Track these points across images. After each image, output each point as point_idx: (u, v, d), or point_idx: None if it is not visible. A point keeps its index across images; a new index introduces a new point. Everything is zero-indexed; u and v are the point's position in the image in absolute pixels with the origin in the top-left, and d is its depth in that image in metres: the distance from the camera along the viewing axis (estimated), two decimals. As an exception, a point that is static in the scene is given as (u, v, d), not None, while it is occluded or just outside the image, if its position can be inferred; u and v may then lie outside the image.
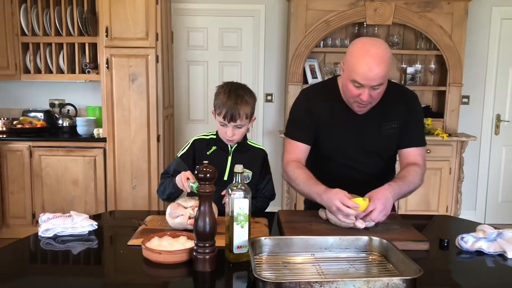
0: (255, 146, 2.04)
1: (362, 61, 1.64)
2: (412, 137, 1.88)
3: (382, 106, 1.82)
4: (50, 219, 1.60)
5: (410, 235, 1.57)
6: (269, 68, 4.54)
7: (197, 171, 1.32)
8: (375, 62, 1.63)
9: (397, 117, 1.85)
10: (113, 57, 3.84)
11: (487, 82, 4.55)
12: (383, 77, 1.66)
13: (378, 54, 1.65)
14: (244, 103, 1.85)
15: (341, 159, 1.90)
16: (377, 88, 1.69)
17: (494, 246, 1.51)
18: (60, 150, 3.95)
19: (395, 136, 1.87)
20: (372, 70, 1.63)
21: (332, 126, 1.86)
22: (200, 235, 1.33)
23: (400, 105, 1.86)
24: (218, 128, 1.92)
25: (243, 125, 1.88)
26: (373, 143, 1.87)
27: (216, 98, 1.89)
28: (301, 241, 1.43)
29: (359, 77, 1.66)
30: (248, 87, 1.94)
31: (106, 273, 1.42)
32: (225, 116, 1.83)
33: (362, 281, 1.14)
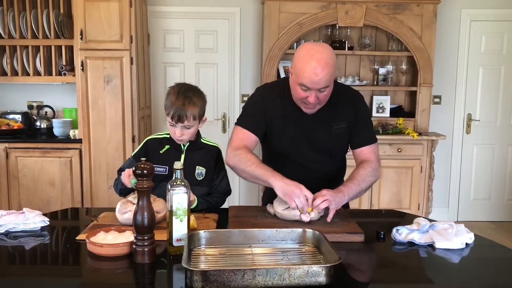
0: (208, 143, 2.11)
1: (308, 66, 1.72)
2: (362, 137, 1.96)
3: (331, 107, 1.91)
4: (3, 215, 1.66)
5: (347, 228, 1.64)
6: (244, 69, 4.61)
7: (135, 167, 1.39)
8: (320, 66, 1.71)
9: (345, 117, 1.94)
10: (88, 59, 3.90)
11: (457, 82, 4.66)
12: (328, 80, 1.74)
13: (323, 58, 1.73)
14: (192, 105, 1.91)
15: (294, 157, 1.97)
16: (323, 90, 1.77)
17: (425, 237, 1.59)
18: (37, 151, 4.00)
19: (344, 136, 1.96)
20: (317, 74, 1.71)
21: (284, 124, 1.94)
22: (139, 229, 1.40)
23: (348, 105, 1.95)
24: (168, 128, 1.99)
25: (191, 126, 1.95)
26: (323, 142, 1.95)
27: (166, 98, 1.96)
28: (239, 234, 1.50)
29: (305, 81, 1.74)
30: (199, 89, 2.00)
31: (51, 266, 1.48)
32: (173, 117, 1.90)
33: (282, 269, 1.22)
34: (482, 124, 4.72)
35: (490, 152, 4.75)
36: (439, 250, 1.53)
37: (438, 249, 1.54)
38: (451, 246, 1.54)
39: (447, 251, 1.52)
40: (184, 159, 2.01)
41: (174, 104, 1.89)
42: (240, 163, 1.86)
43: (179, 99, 1.90)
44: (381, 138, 4.16)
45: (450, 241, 1.55)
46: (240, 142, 1.92)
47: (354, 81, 4.42)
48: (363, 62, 4.59)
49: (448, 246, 1.54)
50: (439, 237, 1.56)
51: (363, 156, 1.95)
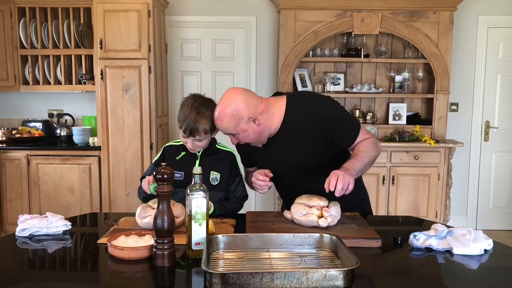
0: (223, 149, 2.14)
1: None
2: (347, 137, 1.89)
3: (287, 125, 1.88)
4: (27, 219, 1.71)
5: (364, 233, 1.65)
6: (260, 77, 4.65)
7: (155, 172, 1.42)
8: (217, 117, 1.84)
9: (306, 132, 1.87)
10: (107, 68, 3.98)
11: (475, 89, 4.62)
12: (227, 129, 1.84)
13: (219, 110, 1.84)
14: (204, 120, 1.93)
15: (283, 177, 1.99)
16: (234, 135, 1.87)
17: (443, 243, 1.58)
18: (57, 159, 4.08)
19: (312, 149, 1.90)
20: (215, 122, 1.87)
21: (256, 152, 2.01)
22: (159, 232, 1.43)
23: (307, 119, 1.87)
24: (181, 137, 2.02)
25: (203, 139, 1.98)
26: (294, 158, 1.92)
27: (180, 109, 1.99)
28: (257, 238, 1.52)
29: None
30: (212, 103, 2.00)
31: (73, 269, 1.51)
32: (185, 131, 1.94)
33: (300, 272, 1.23)
34: (501, 131, 4.67)
35: (509, 160, 4.69)
36: (457, 256, 1.53)
37: (456, 255, 1.53)
38: (469, 252, 1.53)
39: (465, 258, 1.52)
40: (198, 165, 2.03)
41: (186, 118, 1.93)
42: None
43: (192, 113, 1.92)
44: (397, 145, 4.16)
45: (468, 247, 1.54)
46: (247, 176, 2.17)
47: (370, 88, 4.43)
48: (379, 69, 4.59)
49: (466, 252, 1.53)
50: (457, 243, 1.55)
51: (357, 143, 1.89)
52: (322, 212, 1.71)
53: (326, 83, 4.46)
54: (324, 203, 1.74)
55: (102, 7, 3.90)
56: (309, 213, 1.72)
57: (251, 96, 1.85)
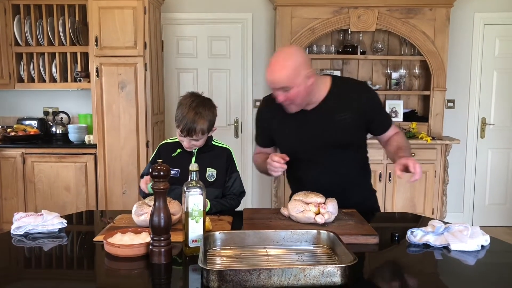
0: (219, 145, 2.13)
1: (268, 68, 1.83)
2: (382, 124, 2.03)
3: (332, 100, 1.93)
4: (22, 217, 1.69)
5: (361, 230, 1.65)
6: (257, 74, 4.64)
7: (151, 169, 1.41)
8: (276, 67, 1.80)
9: (348, 107, 1.93)
10: (103, 65, 3.95)
11: (471, 86, 4.63)
12: (285, 81, 1.78)
13: (279, 60, 1.81)
14: (202, 120, 1.94)
15: (304, 155, 1.97)
16: (287, 90, 1.81)
17: (440, 239, 1.58)
18: (52, 157, 4.06)
19: (350, 126, 1.94)
20: (272, 73, 1.81)
21: (284, 127, 1.99)
22: (155, 230, 1.42)
23: (351, 97, 1.94)
24: (177, 136, 2.02)
25: (200, 138, 1.99)
26: (328, 134, 1.94)
27: (177, 109, 1.99)
28: (254, 235, 1.51)
29: (267, 82, 1.86)
30: (210, 102, 2.02)
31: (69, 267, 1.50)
32: (182, 130, 1.94)
33: (298, 269, 1.22)
34: (497, 128, 4.68)
35: (505, 156, 4.70)
36: (454, 252, 1.53)
37: (453, 251, 1.53)
38: (466, 248, 1.53)
39: (463, 254, 1.52)
40: (194, 161, 2.03)
41: (184, 118, 1.93)
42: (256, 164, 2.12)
43: (190, 114, 1.93)
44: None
45: (465, 243, 1.54)
46: (258, 157, 2.11)
47: (366, 85, 4.42)
48: (375, 66, 4.59)
49: (463, 248, 1.53)
50: (454, 239, 1.55)
51: (388, 135, 2.04)
52: (319, 208, 1.71)
53: (322, 80, 4.44)
54: (321, 200, 1.74)
55: (97, 4, 3.88)
56: (306, 210, 1.71)
57: (307, 56, 1.90)
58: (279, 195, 4.29)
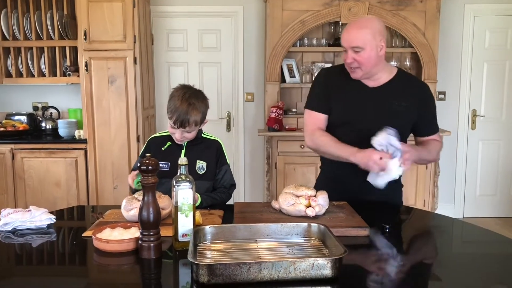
0: (208, 137, 2.12)
1: (346, 28, 1.91)
2: (432, 127, 2.06)
3: (392, 85, 1.98)
4: (10, 213, 1.67)
5: (352, 222, 1.64)
6: (248, 68, 4.62)
7: (140, 163, 1.40)
8: (354, 26, 1.87)
9: (407, 98, 1.97)
10: (92, 59, 3.91)
11: (462, 78, 4.64)
12: (360, 39, 1.84)
13: (360, 21, 1.91)
14: (195, 111, 1.94)
15: (356, 125, 1.98)
16: (358, 50, 1.85)
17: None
18: (42, 152, 4.02)
19: (403, 116, 1.97)
20: (348, 32, 1.87)
21: (347, 96, 2.00)
22: (144, 224, 1.40)
23: (412, 89, 1.99)
24: (168, 127, 2.01)
25: (192, 131, 1.98)
26: (379, 115, 1.96)
27: (169, 100, 1.98)
28: (244, 228, 1.51)
29: (342, 41, 1.91)
30: (202, 94, 2.02)
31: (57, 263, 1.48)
32: (175, 122, 1.93)
33: (288, 262, 1.22)
34: (487, 120, 4.70)
35: (496, 148, 4.73)
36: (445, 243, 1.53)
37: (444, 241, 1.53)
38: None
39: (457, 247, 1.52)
40: (184, 154, 2.02)
41: (177, 109, 1.92)
42: (318, 147, 2.02)
43: (183, 105, 1.92)
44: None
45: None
46: (311, 126, 2.04)
47: (358, 78, 4.41)
48: (366, 59, 4.58)
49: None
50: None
51: (426, 139, 2.06)
52: (310, 201, 1.70)
53: (314, 73, 4.43)
54: (311, 193, 1.73)
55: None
56: (296, 203, 1.71)
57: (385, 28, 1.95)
58: (271, 188, 4.28)
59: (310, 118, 2.06)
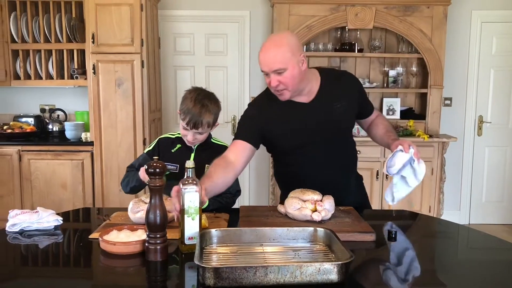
0: (218, 143, 2.13)
1: (261, 50, 1.79)
2: (368, 108, 2.12)
3: (325, 90, 1.93)
4: (18, 214, 1.69)
5: (358, 227, 1.64)
6: (254, 72, 4.63)
7: (147, 166, 1.40)
8: (271, 47, 1.77)
9: (343, 95, 1.95)
10: (100, 62, 3.94)
11: (468, 84, 4.63)
12: (280, 60, 1.74)
13: (274, 40, 1.79)
14: (208, 113, 1.97)
15: (307, 149, 1.95)
16: (281, 72, 1.76)
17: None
18: (49, 154, 4.05)
19: (346, 112, 1.96)
20: (266, 54, 1.76)
21: (284, 123, 1.92)
22: (151, 227, 1.41)
23: (342, 84, 1.98)
24: (180, 129, 2.02)
25: (204, 132, 2.01)
26: (328, 125, 1.93)
27: (182, 102, 2.00)
28: (250, 232, 1.51)
29: (261, 66, 1.80)
30: (215, 96, 2.06)
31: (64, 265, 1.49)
32: (188, 123, 1.94)
33: (294, 266, 1.22)
34: (494, 126, 4.68)
35: (502, 154, 4.71)
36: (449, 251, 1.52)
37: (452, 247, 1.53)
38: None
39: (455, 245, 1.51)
40: (194, 158, 2.03)
41: (191, 110, 1.94)
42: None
43: (196, 106, 1.95)
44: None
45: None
46: (227, 152, 1.87)
47: (364, 83, 4.42)
48: (373, 64, 4.58)
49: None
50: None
51: (370, 118, 2.13)
52: (316, 206, 1.70)
53: (320, 77, 4.44)
54: (318, 197, 1.73)
55: (94, 1, 3.86)
56: (302, 207, 1.71)
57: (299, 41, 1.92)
58: (276, 193, 4.28)
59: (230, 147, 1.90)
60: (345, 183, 2.04)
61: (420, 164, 1.80)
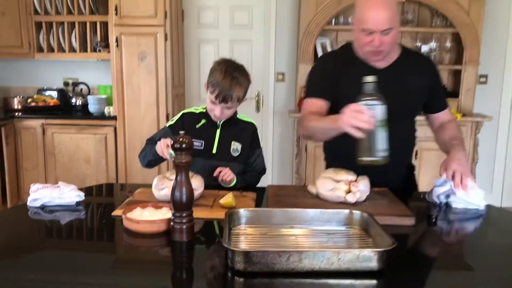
0: (244, 120, 2.03)
1: (368, 8, 1.71)
2: (442, 101, 1.98)
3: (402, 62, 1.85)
4: (39, 189, 1.63)
5: (396, 210, 1.53)
6: (280, 46, 4.48)
7: (174, 141, 1.32)
8: (380, 6, 1.70)
9: (418, 74, 1.87)
10: (123, 35, 3.86)
11: (507, 60, 4.39)
12: (390, 19, 1.70)
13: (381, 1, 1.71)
14: (239, 86, 1.84)
15: None
16: (387, 32, 1.70)
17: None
18: (72, 128, 4.02)
19: (420, 92, 1.88)
20: (377, 13, 1.69)
21: (350, 91, 1.75)
22: (177, 205, 1.33)
23: (424, 65, 1.91)
24: (207, 103, 1.91)
25: (233, 107, 1.89)
26: (396, 97, 1.79)
27: (211, 74, 1.88)
28: (281, 214, 1.42)
29: (368, 24, 1.70)
30: (244, 68, 1.92)
31: (86, 241, 1.43)
32: (217, 96, 1.83)
33: (331, 252, 1.12)
34: (531, 106, 4.45)
35: (539, 135, 4.49)
36: (491, 236, 1.41)
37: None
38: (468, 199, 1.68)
39: (500, 235, 1.40)
40: (219, 134, 1.94)
41: (220, 83, 1.82)
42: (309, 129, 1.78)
43: (226, 79, 1.82)
44: (422, 119, 3.97)
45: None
46: (303, 112, 1.86)
47: (394, 59, 4.23)
48: (404, 39, 4.37)
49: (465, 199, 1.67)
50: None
51: (442, 118, 1.98)
52: (350, 187, 1.60)
53: (348, 53, 4.27)
54: (352, 177, 1.62)
55: (117, -29, 3.75)
56: (336, 188, 1.60)
57: None
58: (300, 172, 4.19)
59: (308, 107, 1.86)
60: (396, 169, 1.90)
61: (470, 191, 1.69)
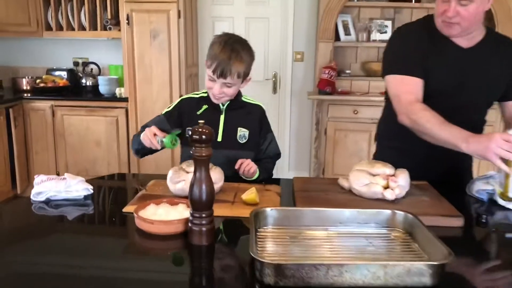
0: (250, 102, 1.84)
1: None
2: None
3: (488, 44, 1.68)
4: (43, 181, 1.48)
5: (441, 209, 1.36)
6: (298, 24, 4.25)
7: (192, 132, 1.15)
8: None
9: (503, 58, 1.69)
10: (134, 12, 3.67)
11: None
12: None
13: None
14: (239, 60, 1.64)
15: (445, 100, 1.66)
16: (466, 4, 1.52)
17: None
18: (82, 110, 3.88)
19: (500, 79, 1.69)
20: None
21: (434, 63, 1.66)
22: (195, 204, 1.17)
23: (506, 48, 1.71)
24: (206, 81, 1.72)
25: (233, 84, 1.69)
26: (479, 82, 1.67)
27: (210, 48, 1.69)
28: (312, 214, 1.25)
29: None
30: (248, 43, 1.72)
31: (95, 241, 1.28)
32: (214, 70, 1.64)
33: (377, 265, 0.96)
34: None
35: None
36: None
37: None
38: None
39: None
40: (224, 121, 1.76)
41: (218, 56, 1.63)
42: (417, 125, 1.57)
43: (225, 51, 1.63)
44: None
45: None
46: (407, 95, 1.62)
47: (420, 37, 3.99)
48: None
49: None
50: None
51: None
52: (388, 182, 1.42)
53: (371, 31, 4.04)
54: (390, 171, 1.45)
55: None
56: (372, 183, 1.43)
57: None
58: (319, 156, 4.01)
59: (402, 85, 1.65)
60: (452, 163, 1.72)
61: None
